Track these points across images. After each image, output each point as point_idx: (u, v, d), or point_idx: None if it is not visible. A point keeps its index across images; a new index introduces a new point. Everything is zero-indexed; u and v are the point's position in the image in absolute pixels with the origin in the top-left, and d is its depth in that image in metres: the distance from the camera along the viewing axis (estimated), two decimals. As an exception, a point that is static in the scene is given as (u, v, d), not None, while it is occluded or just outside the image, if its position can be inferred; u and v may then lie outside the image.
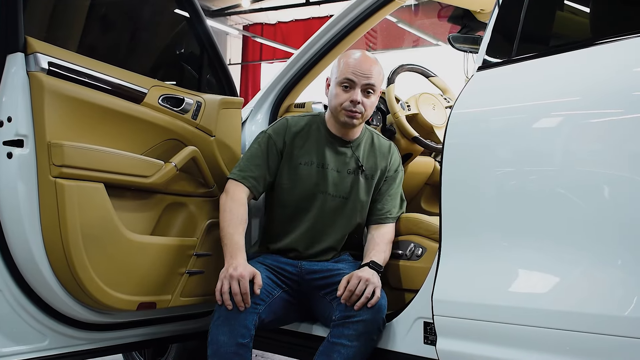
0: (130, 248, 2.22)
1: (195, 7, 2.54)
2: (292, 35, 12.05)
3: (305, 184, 2.45)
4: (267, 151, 2.47)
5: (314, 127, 2.51)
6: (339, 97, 2.40)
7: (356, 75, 2.37)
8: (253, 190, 2.44)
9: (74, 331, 2.23)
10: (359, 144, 2.52)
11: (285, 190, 2.48)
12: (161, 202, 2.44)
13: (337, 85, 2.40)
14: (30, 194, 2.02)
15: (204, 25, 2.59)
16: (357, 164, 2.48)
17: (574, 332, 1.70)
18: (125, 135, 2.27)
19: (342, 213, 2.47)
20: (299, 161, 2.47)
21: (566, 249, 1.76)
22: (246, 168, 2.45)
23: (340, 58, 2.46)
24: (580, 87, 1.82)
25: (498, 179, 1.93)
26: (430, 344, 2.11)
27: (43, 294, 2.12)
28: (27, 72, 2.00)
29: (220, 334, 2.17)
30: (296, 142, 2.48)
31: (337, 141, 2.49)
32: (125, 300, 2.22)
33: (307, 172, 2.46)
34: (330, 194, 2.46)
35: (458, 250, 1.98)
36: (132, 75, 2.30)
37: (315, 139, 2.49)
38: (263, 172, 2.45)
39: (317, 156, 2.47)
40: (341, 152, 2.49)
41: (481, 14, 2.99)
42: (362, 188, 2.49)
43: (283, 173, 2.48)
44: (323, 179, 2.45)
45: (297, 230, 2.47)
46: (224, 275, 2.19)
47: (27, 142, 2.01)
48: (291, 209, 2.48)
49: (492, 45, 2.03)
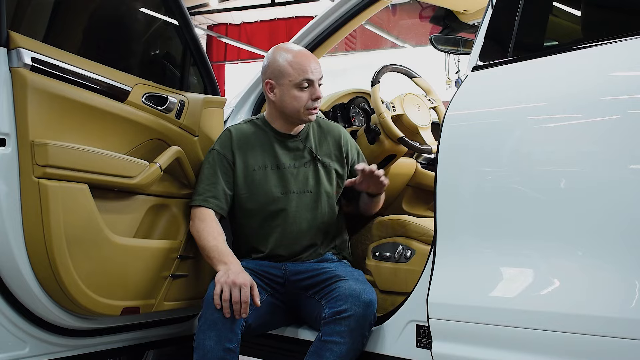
0: (114, 251, 2.15)
1: (179, 3, 2.48)
2: (257, 35, 11.99)
3: (264, 188, 2.42)
4: (219, 167, 2.42)
5: (258, 130, 2.49)
6: (300, 99, 2.37)
7: (313, 73, 2.37)
8: (218, 210, 2.39)
9: (55, 338, 2.15)
10: (307, 133, 2.50)
11: (247, 199, 2.43)
12: (144, 204, 2.36)
13: (295, 87, 2.37)
14: (12, 195, 1.94)
15: (187, 21, 2.53)
16: (312, 155, 2.47)
17: (575, 334, 1.69)
18: (109, 135, 2.20)
19: (311, 207, 2.44)
20: (252, 167, 2.43)
21: (567, 250, 1.75)
22: (204, 191, 2.40)
23: (283, 58, 2.39)
24: (580, 87, 1.81)
25: (495, 180, 1.91)
26: (424, 347, 2.09)
27: (23, 298, 2.04)
28: (9, 68, 1.92)
29: (207, 338, 2.11)
30: (244, 149, 2.45)
31: (285, 137, 2.47)
32: (109, 305, 2.15)
33: (263, 177, 2.42)
34: (293, 191, 2.43)
35: (454, 253, 1.96)
36: (116, 72, 2.23)
37: (262, 142, 2.46)
38: (221, 189, 2.40)
39: (269, 158, 2.44)
40: (292, 147, 2.47)
41: (464, 15, 2.98)
42: (323, 177, 2.47)
43: (239, 183, 2.43)
44: (282, 178, 2.42)
45: (272, 236, 2.42)
46: (224, 280, 2.11)
47: (9, 141, 1.92)
48: (258, 216, 2.43)
49: (487, 45, 2.02)
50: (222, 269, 2.16)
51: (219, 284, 2.11)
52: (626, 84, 1.72)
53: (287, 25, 11.36)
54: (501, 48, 2.00)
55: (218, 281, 2.12)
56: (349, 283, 2.23)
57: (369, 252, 2.57)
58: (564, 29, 2.07)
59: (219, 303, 2.10)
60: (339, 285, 2.23)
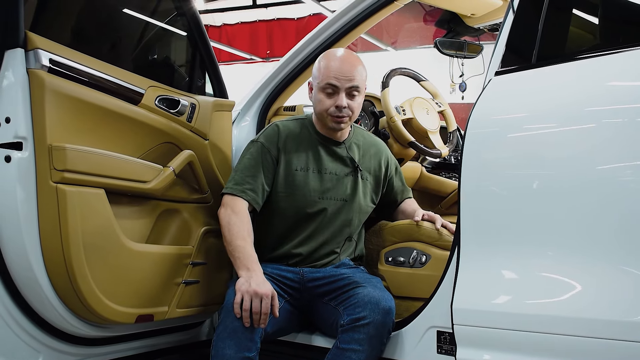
0: (130, 258, 2.10)
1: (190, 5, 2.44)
2: (237, 37, 11.89)
3: (303, 190, 2.37)
4: (262, 161, 2.36)
5: (304, 131, 2.44)
6: (323, 103, 2.33)
7: (339, 80, 2.29)
8: (253, 203, 2.31)
9: (68, 347, 2.10)
10: (351, 143, 2.46)
11: (283, 199, 2.38)
12: (156, 209, 2.32)
13: (320, 90, 2.33)
14: (29, 201, 1.88)
15: (199, 23, 2.49)
16: (354, 165, 2.43)
17: (610, 340, 1.68)
18: (123, 138, 2.16)
19: (343, 216, 2.41)
20: (294, 167, 2.38)
21: (597, 256, 1.74)
22: (242, 181, 2.32)
23: (320, 60, 2.37)
24: (607, 92, 1.80)
25: (522, 184, 1.89)
26: (445, 353, 2.06)
27: (38, 307, 1.99)
28: (27, 70, 1.87)
29: (227, 347, 2.07)
30: (289, 147, 2.40)
31: (330, 143, 2.43)
32: (124, 313, 2.10)
33: (304, 179, 2.38)
34: (330, 198, 2.39)
35: (480, 258, 1.94)
36: (130, 75, 2.19)
37: (307, 143, 2.42)
38: (261, 183, 2.34)
39: (313, 161, 2.40)
40: (336, 154, 2.43)
41: (471, 19, 2.97)
42: (360, 189, 2.44)
43: (279, 181, 2.38)
44: (321, 183, 2.39)
45: (299, 237, 2.39)
46: (245, 289, 2.06)
47: (26, 144, 1.87)
48: (292, 216, 2.38)
49: (510, 50, 2.00)
50: (245, 276, 2.11)
51: (240, 292, 2.07)
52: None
53: (268, 27, 11.28)
54: (525, 53, 1.99)
55: (239, 289, 2.07)
56: (367, 290, 2.20)
57: (382, 257, 2.54)
58: (590, 34, 2.07)
59: (239, 312, 2.06)
60: (358, 292, 2.20)
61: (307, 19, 10.54)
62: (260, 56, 11.26)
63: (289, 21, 10.92)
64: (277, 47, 11.01)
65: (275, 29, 11.16)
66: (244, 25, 11.63)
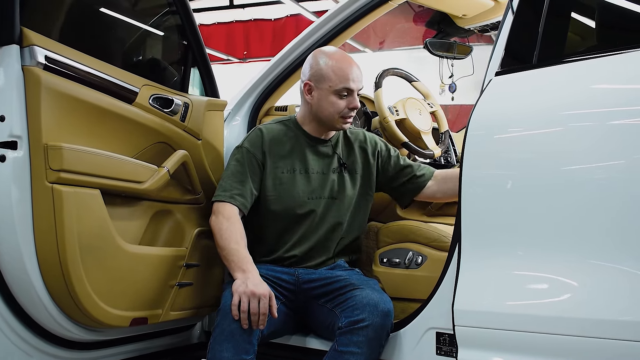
0: (125, 260, 2.06)
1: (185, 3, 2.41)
2: (214, 38, 11.82)
3: (292, 192, 2.36)
4: (248, 166, 2.35)
5: (289, 132, 2.43)
6: (336, 106, 2.32)
7: (355, 83, 2.33)
8: (242, 209, 2.30)
9: (61, 351, 2.06)
10: (337, 140, 2.47)
11: (273, 202, 2.37)
12: (149, 210, 2.28)
13: (334, 93, 2.32)
14: (24, 201, 1.83)
15: (192, 21, 2.46)
16: (340, 162, 2.43)
17: (616, 340, 1.68)
18: (119, 138, 2.11)
19: (334, 214, 2.39)
20: (281, 170, 2.38)
21: (600, 255, 1.74)
22: (230, 187, 2.31)
23: (326, 62, 2.33)
24: (608, 92, 1.81)
25: (524, 184, 1.89)
26: (444, 355, 2.05)
27: (31, 310, 1.94)
28: (22, 67, 1.82)
29: (224, 350, 2.03)
30: (274, 150, 2.39)
31: (317, 142, 2.43)
32: (119, 316, 2.06)
33: (291, 180, 2.37)
34: (319, 197, 2.38)
35: (480, 259, 1.93)
36: (124, 73, 2.15)
37: (292, 144, 2.41)
38: (249, 189, 2.33)
39: (298, 162, 2.39)
40: (323, 153, 2.42)
41: (462, 20, 2.97)
42: (348, 185, 2.43)
43: (267, 184, 2.37)
44: (309, 184, 2.38)
45: (292, 239, 2.37)
46: (243, 290, 2.04)
47: (21, 143, 1.82)
48: (283, 218, 2.37)
49: (510, 50, 2.00)
50: (241, 278, 2.09)
51: (237, 294, 2.04)
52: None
53: (245, 28, 11.22)
54: (526, 53, 1.99)
55: (236, 291, 2.04)
56: (365, 292, 2.18)
57: (376, 258, 2.53)
58: (591, 34, 2.07)
59: (237, 314, 2.03)
60: (355, 294, 2.18)
61: (285, 20, 10.52)
62: (237, 57, 11.20)
63: (266, 22, 10.86)
64: (254, 48, 10.96)
65: (252, 30, 11.10)
66: (220, 26, 11.55)
